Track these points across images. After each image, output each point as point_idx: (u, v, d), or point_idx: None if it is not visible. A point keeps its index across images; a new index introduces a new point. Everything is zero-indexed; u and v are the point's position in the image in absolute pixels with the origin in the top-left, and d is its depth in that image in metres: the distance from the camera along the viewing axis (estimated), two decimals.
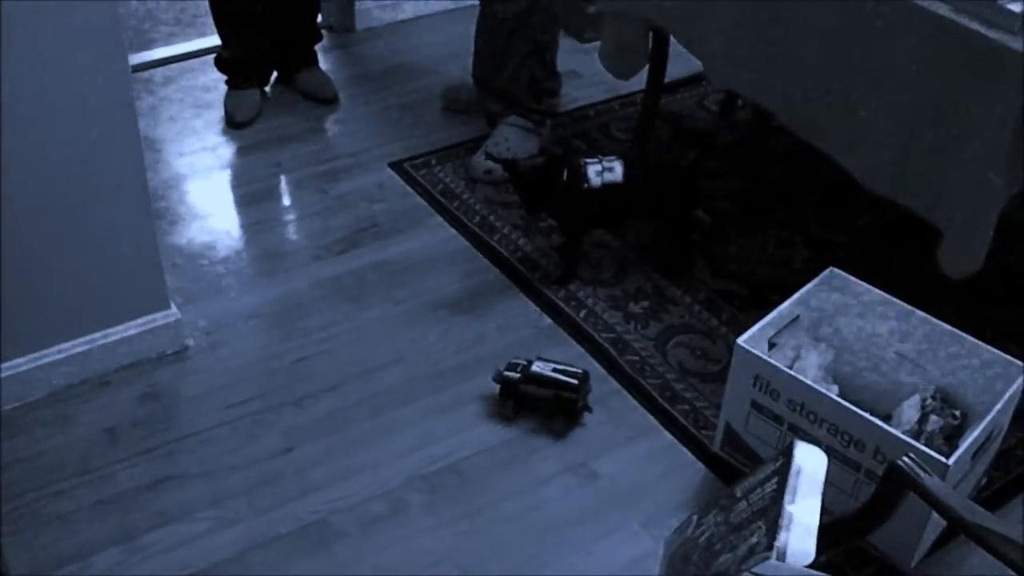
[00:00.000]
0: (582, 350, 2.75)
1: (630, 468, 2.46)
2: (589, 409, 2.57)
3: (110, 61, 2.30)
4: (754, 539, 0.92)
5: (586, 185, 2.81)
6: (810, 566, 0.96)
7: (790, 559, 0.90)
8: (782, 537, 0.89)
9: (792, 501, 0.93)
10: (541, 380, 2.54)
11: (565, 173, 2.82)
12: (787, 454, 0.98)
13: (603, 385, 2.66)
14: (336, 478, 2.41)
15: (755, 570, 0.88)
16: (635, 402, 2.62)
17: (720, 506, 1.02)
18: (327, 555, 2.25)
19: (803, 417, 2.26)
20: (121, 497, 2.36)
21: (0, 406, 2.53)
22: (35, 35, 2.18)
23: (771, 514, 0.93)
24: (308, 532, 2.29)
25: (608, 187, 2.82)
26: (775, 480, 0.96)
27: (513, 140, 3.35)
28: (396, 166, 3.42)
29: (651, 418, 2.58)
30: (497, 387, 2.57)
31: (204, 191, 3.35)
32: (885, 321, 2.47)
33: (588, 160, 2.85)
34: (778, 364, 2.30)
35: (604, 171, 2.82)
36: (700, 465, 2.48)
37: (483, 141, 3.44)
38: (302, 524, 2.31)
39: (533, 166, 2.91)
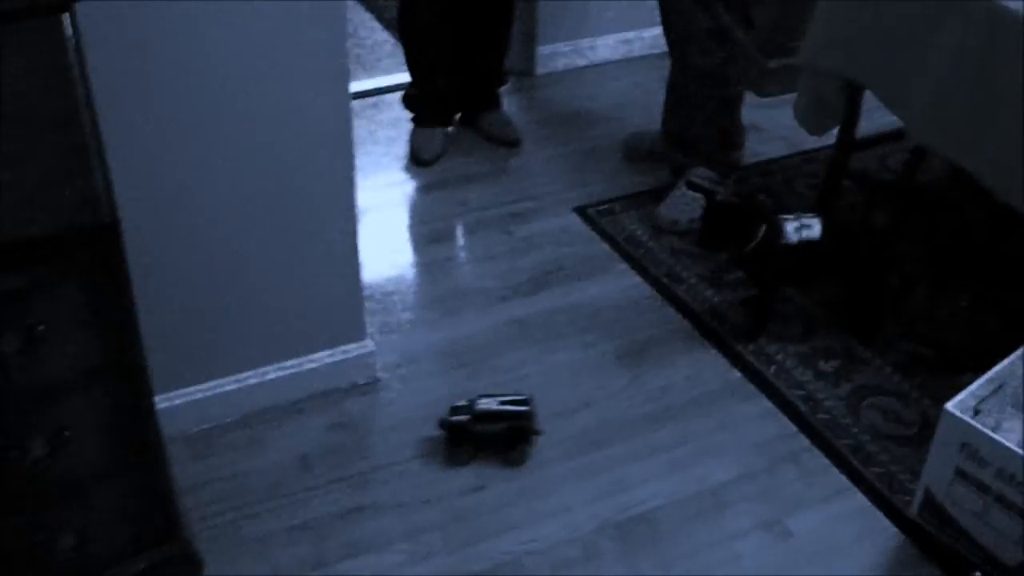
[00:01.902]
0: (771, 405, 2.72)
1: (824, 528, 2.42)
2: (539, 432, 2.56)
3: (333, 88, 2.36)
4: None
5: (783, 241, 2.78)
6: None
7: None
8: None
9: None
10: (492, 416, 2.52)
11: (763, 228, 2.79)
12: None
13: (792, 443, 2.63)
14: (529, 519, 2.40)
15: None
16: (827, 461, 2.58)
17: None
18: None
19: (1012, 487, 2.20)
20: (315, 523, 2.39)
21: (194, 426, 2.58)
22: (265, 53, 2.24)
23: None
24: (501, 572, 2.29)
25: (804, 244, 2.79)
26: None
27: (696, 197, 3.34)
28: (580, 211, 3.44)
29: (844, 479, 2.54)
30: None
31: (390, 226, 3.40)
32: None
33: (785, 216, 2.83)
34: (988, 432, 2.24)
35: (802, 227, 2.80)
36: (895, 530, 2.42)
37: (666, 191, 3.44)
38: (495, 563, 2.31)
39: (729, 204, 2.89)
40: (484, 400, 2.55)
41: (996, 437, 2.23)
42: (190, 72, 2.18)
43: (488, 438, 2.53)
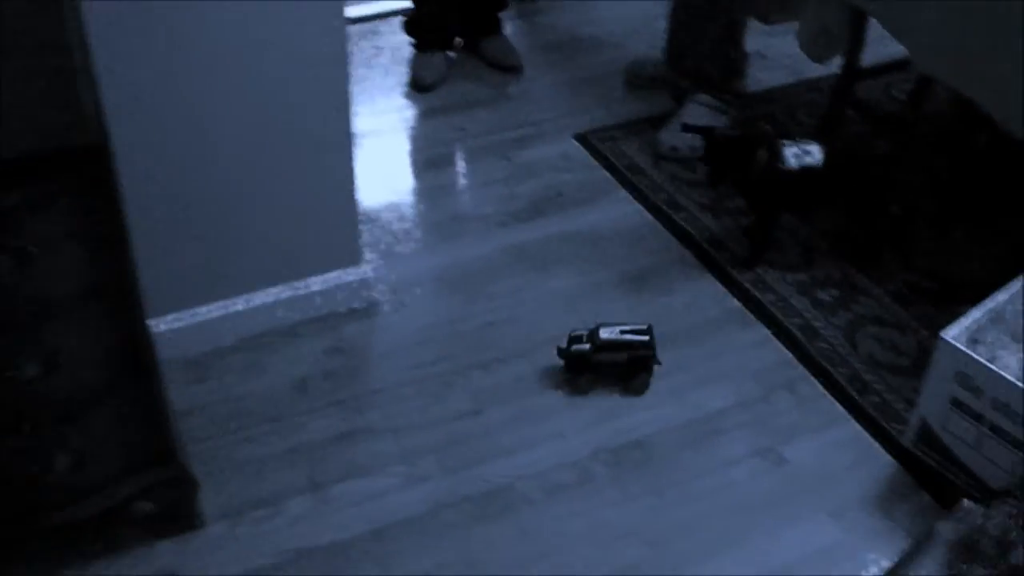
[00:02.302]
0: (769, 333, 2.72)
1: (818, 456, 2.43)
2: (659, 362, 2.55)
3: (329, 10, 2.33)
4: None
5: (783, 167, 2.76)
6: None
7: None
8: None
9: None
10: (614, 345, 2.52)
11: (763, 154, 2.77)
12: None
13: (790, 371, 2.63)
14: (523, 444, 2.41)
15: None
16: (823, 390, 2.58)
17: (1013, 500, 0.99)
18: (513, 520, 2.26)
19: (1007, 417, 2.20)
20: (311, 446, 2.39)
21: (191, 350, 2.58)
22: None
23: None
24: (496, 496, 2.30)
25: (805, 171, 2.77)
26: None
27: (702, 118, 3.32)
28: (581, 138, 3.42)
29: (839, 407, 2.54)
30: (561, 363, 2.56)
31: (389, 151, 3.38)
32: None
33: (785, 142, 2.80)
34: (985, 361, 2.24)
35: (802, 154, 2.77)
36: (889, 459, 2.43)
37: (668, 117, 3.41)
38: (490, 488, 2.31)
39: (730, 137, 2.87)
40: (605, 329, 2.53)
41: (992, 366, 2.23)
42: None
43: (609, 367, 2.53)
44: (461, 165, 3.36)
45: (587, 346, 2.51)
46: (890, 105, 3.67)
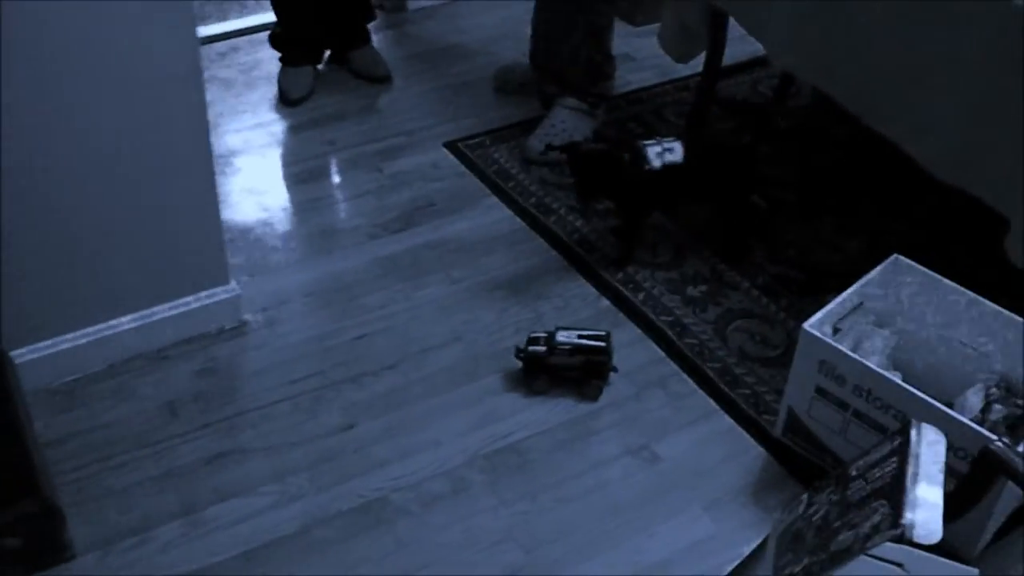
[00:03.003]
0: (640, 332, 2.74)
1: (691, 451, 2.45)
2: (615, 369, 2.57)
3: (181, 31, 2.30)
4: (876, 518, 0.91)
5: (646, 166, 2.79)
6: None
7: (917, 538, 0.89)
8: (908, 516, 0.88)
9: (915, 481, 0.92)
10: (570, 349, 2.53)
11: (626, 156, 2.79)
12: (904, 433, 0.97)
13: (662, 368, 2.65)
14: (397, 456, 2.40)
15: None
16: (695, 385, 2.61)
17: (833, 485, 1.01)
18: (389, 533, 2.25)
19: (869, 403, 2.24)
20: (182, 471, 2.36)
21: (57, 379, 2.54)
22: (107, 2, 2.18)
23: (893, 493, 0.92)
24: (370, 509, 2.29)
25: (668, 168, 2.80)
26: (894, 460, 0.95)
27: (569, 122, 3.34)
28: (451, 146, 3.42)
29: (711, 402, 2.57)
30: (519, 364, 2.57)
31: (258, 168, 3.35)
32: (949, 309, 2.44)
33: (647, 142, 2.83)
34: (845, 349, 2.28)
35: (664, 152, 2.80)
36: (761, 450, 2.46)
37: (537, 122, 3.43)
38: (364, 501, 2.30)
39: (593, 151, 2.88)
40: (563, 333, 2.54)
41: (851, 354, 2.27)
42: (36, 21, 2.11)
43: (563, 371, 2.54)
44: (332, 178, 3.34)
45: (543, 349, 2.53)
46: (757, 101, 3.72)
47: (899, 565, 1.02)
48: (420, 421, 2.49)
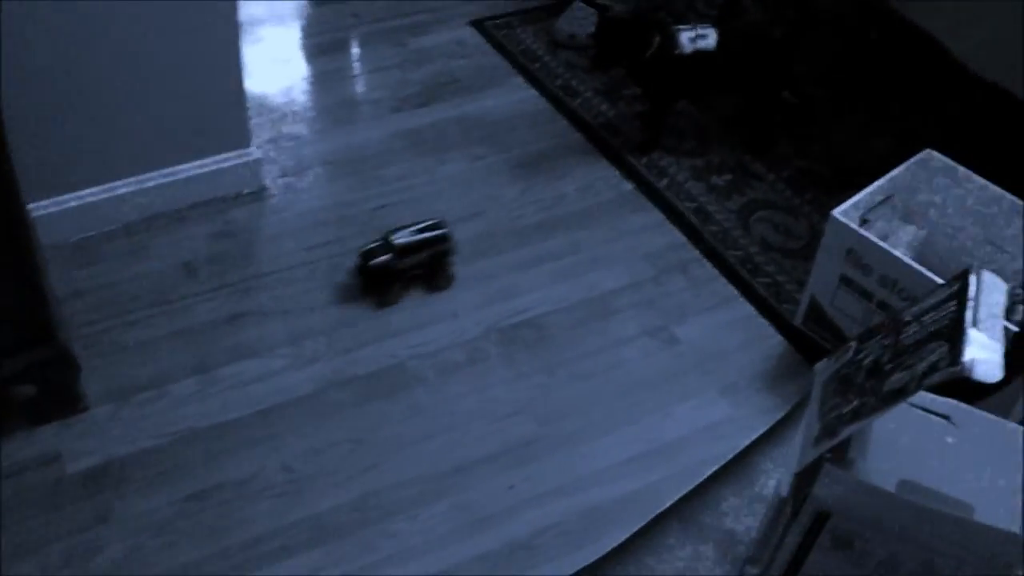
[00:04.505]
0: (662, 216, 2.72)
1: (710, 335, 2.44)
2: (455, 250, 2.49)
3: None
4: (934, 357, 0.88)
5: (677, 52, 2.74)
6: None
7: (978, 375, 0.86)
8: (968, 355, 0.85)
9: (975, 323, 0.89)
10: (415, 247, 2.42)
11: (657, 39, 2.74)
12: (963, 279, 0.94)
13: (683, 252, 2.63)
14: (414, 325, 2.39)
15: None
16: (716, 271, 2.59)
17: (885, 331, 0.98)
18: (404, 398, 2.24)
19: (894, 294, 2.22)
20: (198, 329, 2.35)
21: (74, 235, 2.52)
22: None
23: (952, 334, 0.89)
24: (386, 375, 2.28)
25: (699, 55, 2.75)
26: (953, 304, 0.92)
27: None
28: (477, 24, 3.36)
29: (732, 288, 2.55)
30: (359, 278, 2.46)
31: (281, 37, 3.30)
32: (978, 205, 2.41)
33: (681, 27, 2.78)
34: (873, 238, 2.25)
35: (697, 38, 2.75)
36: (780, 338, 2.44)
37: (565, 6, 3.36)
38: (380, 367, 2.29)
39: (623, 16, 2.81)
40: (399, 234, 2.43)
41: (881, 243, 2.24)
42: None
43: (412, 270, 2.45)
44: (354, 51, 3.29)
45: (388, 256, 2.40)
46: None
47: (945, 417, 1.00)
48: (437, 292, 2.47)
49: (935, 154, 2.44)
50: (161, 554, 1.97)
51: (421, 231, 2.44)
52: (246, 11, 3.29)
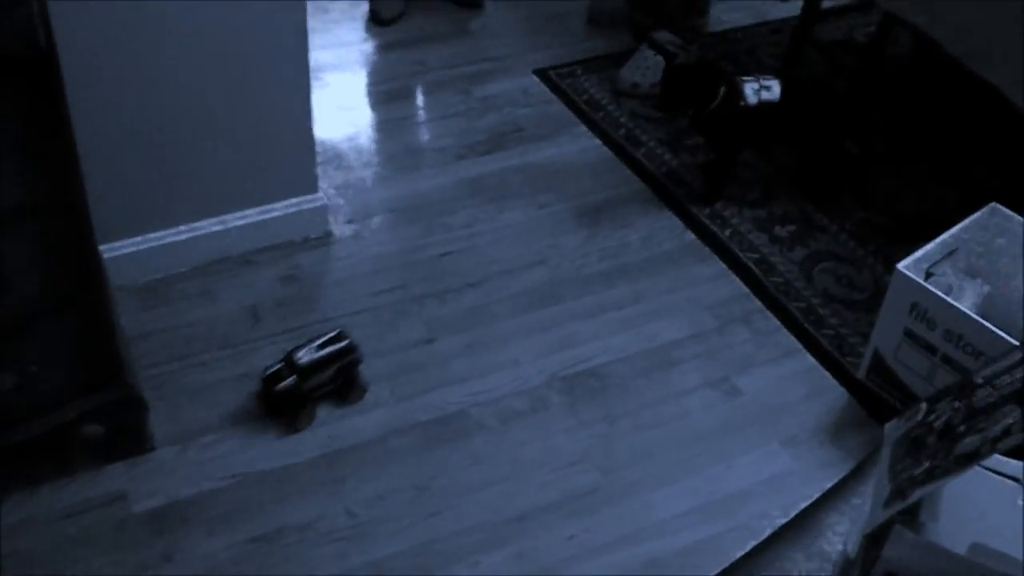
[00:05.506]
0: (725, 267, 2.72)
1: (772, 387, 2.43)
2: (361, 359, 2.34)
3: None
4: (1008, 420, 0.88)
5: (742, 103, 2.75)
6: None
7: None
8: None
9: None
10: (320, 364, 2.27)
11: (722, 90, 2.75)
12: None
13: (746, 304, 2.63)
14: (477, 372, 2.40)
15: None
16: (778, 323, 2.58)
17: (956, 393, 0.99)
18: (467, 446, 2.25)
19: (959, 349, 2.20)
20: (262, 373, 2.37)
21: (143, 276, 2.56)
22: None
23: None
24: (449, 421, 2.29)
25: (764, 106, 2.76)
26: None
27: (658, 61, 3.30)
28: (541, 73, 3.39)
29: (794, 340, 2.54)
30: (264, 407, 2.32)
31: (348, 85, 3.35)
32: None
33: (745, 78, 2.79)
34: (939, 292, 2.24)
35: (761, 89, 2.76)
36: (843, 391, 2.43)
37: (628, 55, 3.39)
38: (443, 414, 2.31)
39: (690, 64, 2.84)
40: (301, 352, 2.28)
41: (946, 297, 2.23)
42: None
43: (319, 388, 2.30)
44: (420, 98, 3.33)
45: (292, 379, 2.25)
46: (852, 48, 3.66)
47: (1016, 480, 1.00)
48: (501, 340, 2.49)
49: (1000, 208, 2.43)
50: None
51: (323, 346, 2.30)
52: (314, 57, 3.32)
